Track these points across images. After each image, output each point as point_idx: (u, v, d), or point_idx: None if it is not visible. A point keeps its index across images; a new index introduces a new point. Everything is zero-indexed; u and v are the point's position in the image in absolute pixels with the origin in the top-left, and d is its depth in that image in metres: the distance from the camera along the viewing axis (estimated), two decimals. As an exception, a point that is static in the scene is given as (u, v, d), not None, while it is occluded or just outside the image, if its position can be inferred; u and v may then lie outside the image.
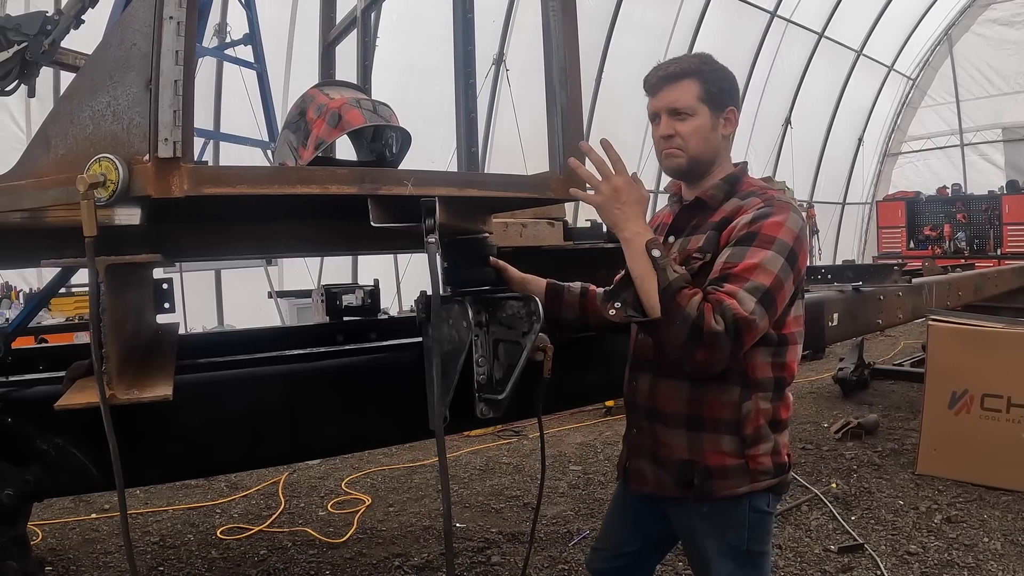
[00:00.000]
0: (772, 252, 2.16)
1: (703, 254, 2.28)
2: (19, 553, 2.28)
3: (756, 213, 2.23)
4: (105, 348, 1.81)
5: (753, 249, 2.17)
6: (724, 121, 2.39)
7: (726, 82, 2.40)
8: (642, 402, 2.49)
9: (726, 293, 2.10)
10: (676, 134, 2.36)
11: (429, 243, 2.04)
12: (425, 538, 5.03)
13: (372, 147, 2.70)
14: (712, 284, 2.15)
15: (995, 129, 21.08)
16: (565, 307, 2.79)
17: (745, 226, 2.22)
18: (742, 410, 2.30)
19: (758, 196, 2.31)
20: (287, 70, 10.85)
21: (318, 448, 3.13)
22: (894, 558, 4.48)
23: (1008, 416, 5.53)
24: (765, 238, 2.18)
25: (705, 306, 2.07)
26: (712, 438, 2.32)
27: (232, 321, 11.01)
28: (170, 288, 3.26)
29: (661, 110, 2.39)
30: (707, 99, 2.35)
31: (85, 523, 5.35)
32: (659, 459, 2.44)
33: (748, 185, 2.40)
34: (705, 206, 2.40)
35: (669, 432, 2.37)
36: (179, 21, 1.67)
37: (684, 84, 2.35)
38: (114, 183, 1.66)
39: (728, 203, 2.36)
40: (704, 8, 16.12)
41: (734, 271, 2.14)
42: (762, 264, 2.14)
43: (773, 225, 2.20)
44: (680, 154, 2.38)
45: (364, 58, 3.74)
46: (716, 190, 2.40)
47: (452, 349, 2.57)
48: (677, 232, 2.46)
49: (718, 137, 2.39)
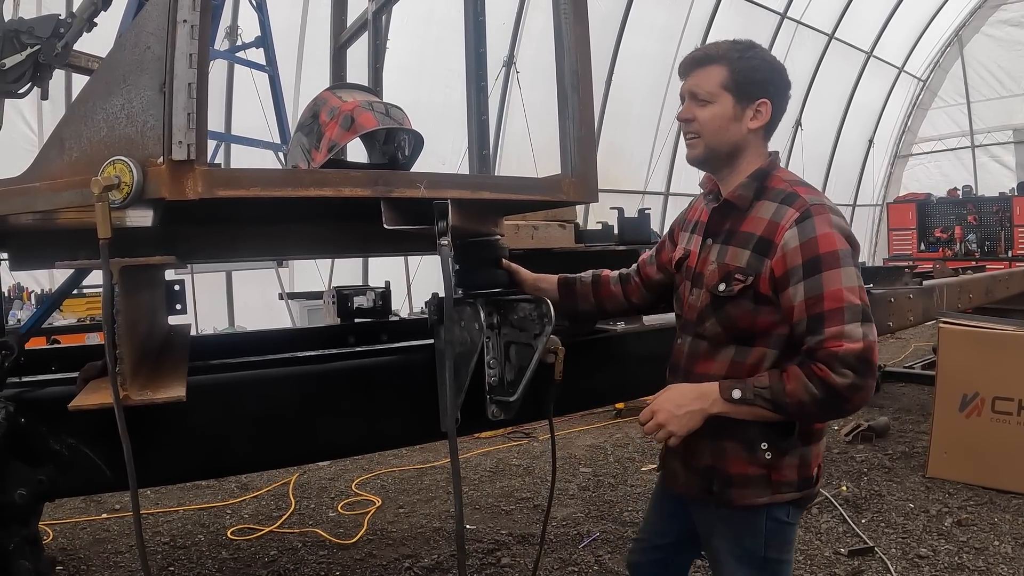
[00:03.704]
0: (843, 268, 2.13)
1: (745, 277, 2.23)
2: (32, 552, 2.30)
3: (800, 230, 2.16)
4: (119, 349, 1.82)
5: (826, 276, 2.12)
6: (753, 113, 2.29)
7: (760, 72, 2.30)
8: None
9: (832, 340, 2.08)
10: (694, 118, 2.30)
11: (442, 246, 2.04)
12: (435, 539, 5.03)
13: (385, 150, 2.71)
14: (811, 334, 2.12)
15: (1006, 130, 20.97)
16: (580, 299, 2.80)
17: (799, 251, 2.15)
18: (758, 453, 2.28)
19: (789, 204, 2.23)
20: (298, 72, 10.88)
21: (329, 449, 3.15)
22: (904, 561, 4.46)
23: (1019, 419, 5.51)
24: (829, 258, 2.13)
25: (818, 370, 2.07)
26: (735, 447, 2.30)
27: (243, 323, 11.04)
28: (182, 289, 3.27)
29: (685, 93, 2.34)
30: (732, 87, 2.26)
31: (96, 523, 5.37)
32: (688, 464, 2.44)
33: (776, 182, 2.31)
34: (735, 207, 2.33)
35: (697, 439, 2.33)
36: (193, 24, 1.68)
37: (710, 69, 2.29)
38: (128, 185, 1.67)
39: (759, 205, 2.28)
40: (714, 9, 16.10)
41: (825, 309, 2.10)
42: (844, 286, 2.11)
43: (827, 239, 2.15)
44: (696, 142, 2.32)
45: (375, 60, 3.75)
46: (744, 189, 2.31)
47: (464, 351, 2.57)
48: (713, 235, 2.39)
49: (741, 129, 2.29)
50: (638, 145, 16.26)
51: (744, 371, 2.27)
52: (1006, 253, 18.92)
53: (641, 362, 3.50)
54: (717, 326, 2.31)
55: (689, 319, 2.42)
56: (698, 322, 2.37)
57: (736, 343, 2.29)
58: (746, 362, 2.28)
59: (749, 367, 2.27)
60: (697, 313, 2.37)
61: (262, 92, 8.48)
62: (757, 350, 2.27)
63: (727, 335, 2.30)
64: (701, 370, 2.36)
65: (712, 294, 2.31)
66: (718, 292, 2.28)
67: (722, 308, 2.28)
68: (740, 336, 2.28)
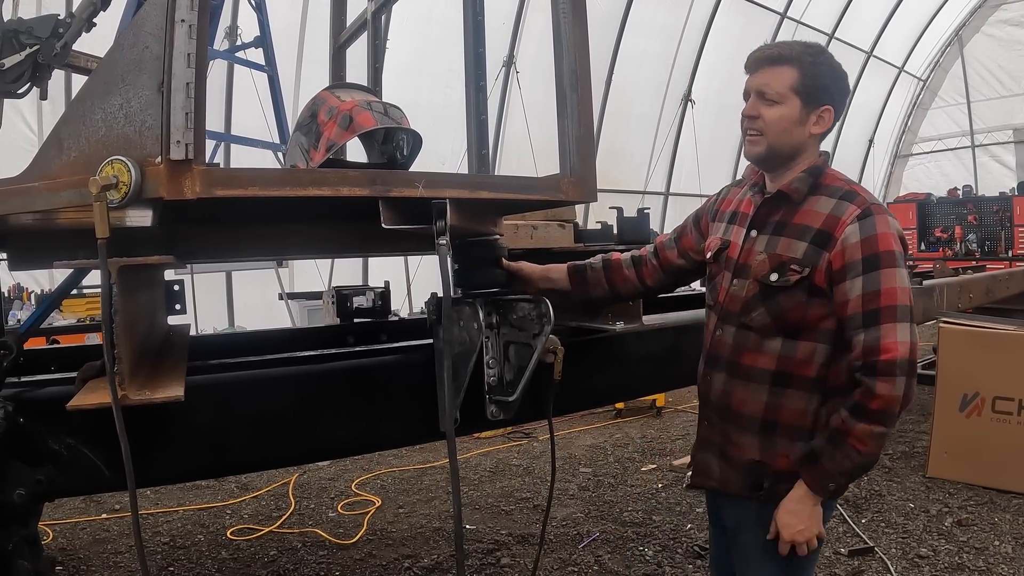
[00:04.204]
0: (898, 269, 2.19)
1: (802, 268, 2.25)
2: (31, 552, 2.30)
3: (862, 227, 2.21)
4: (117, 349, 1.82)
5: (884, 273, 2.17)
6: (816, 118, 2.31)
7: (828, 78, 2.31)
8: (715, 399, 2.47)
9: (887, 343, 2.12)
10: (759, 116, 2.30)
11: (440, 245, 2.04)
12: (435, 539, 5.03)
13: (383, 149, 2.71)
14: (865, 328, 2.16)
15: (1006, 130, 20.96)
16: (592, 286, 2.80)
17: (859, 247, 2.19)
18: (819, 417, 2.30)
19: (849, 200, 2.26)
20: (298, 72, 10.88)
21: (328, 449, 3.15)
22: (904, 561, 4.46)
23: (1019, 419, 5.51)
24: (888, 257, 2.18)
25: (873, 403, 2.12)
26: (787, 443, 2.32)
27: (243, 323, 11.04)
28: (181, 289, 3.27)
29: (752, 89, 2.33)
30: (801, 90, 2.27)
31: (95, 523, 5.37)
32: (728, 456, 2.43)
33: (831, 179, 2.34)
34: (788, 200, 2.34)
35: (742, 433, 2.36)
36: (191, 24, 1.68)
37: (781, 70, 2.28)
38: (126, 185, 1.67)
39: (815, 199, 2.31)
40: (714, 9, 16.10)
41: (881, 306, 2.15)
42: (898, 286, 2.17)
43: (885, 238, 2.19)
44: (759, 140, 2.32)
45: (375, 60, 3.75)
46: (799, 183, 2.33)
47: (463, 351, 2.57)
48: (759, 226, 2.40)
49: (804, 133, 2.31)
50: (638, 145, 16.26)
51: (794, 366, 2.30)
52: (1006, 253, 18.88)
53: (640, 362, 3.51)
54: (766, 316, 2.32)
55: (731, 309, 2.42)
56: (743, 312, 2.37)
57: (784, 335, 2.31)
58: (796, 357, 2.30)
59: (799, 362, 2.30)
60: (742, 303, 2.38)
61: (262, 92, 8.48)
62: (805, 344, 2.29)
63: (775, 326, 2.31)
64: (749, 361, 2.36)
65: (762, 284, 2.32)
66: (769, 282, 2.30)
67: (773, 298, 2.30)
68: (788, 328, 2.30)
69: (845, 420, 2.17)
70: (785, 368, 2.30)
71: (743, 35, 16.78)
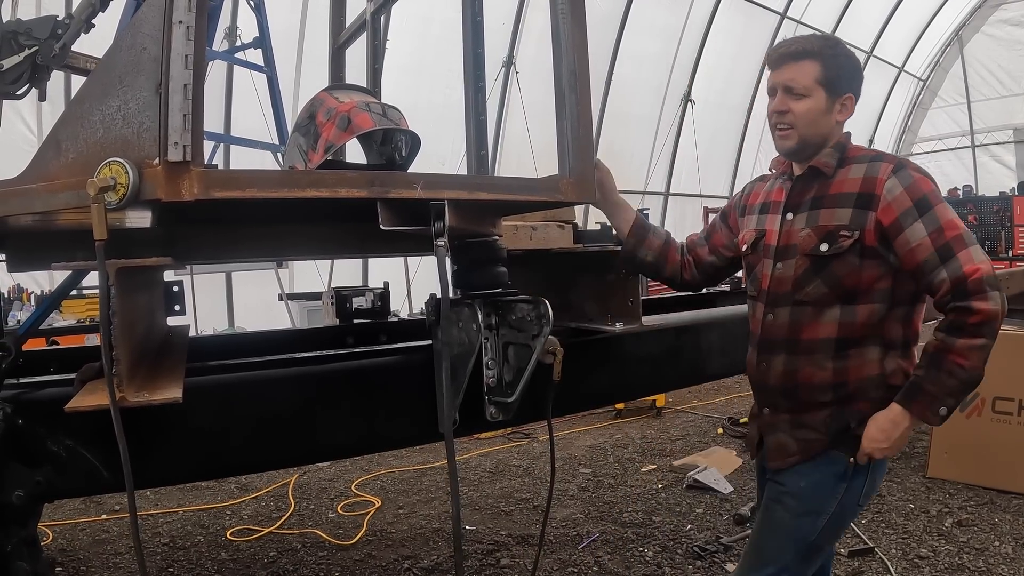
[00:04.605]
0: (944, 202, 2.31)
1: (851, 231, 2.34)
2: (30, 554, 2.29)
3: (900, 178, 2.31)
4: (115, 351, 1.81)
5: (938, 209, 2.27)
6: (840, 106, 2.43)
7: (847, 68, 2.43)
8: (777, 382, 2.52)
9: (970, 268, 2.20)
10: (789, 111, 2.41)
11: (438, 246, 2.04)
12: (435, 540, 5.03)
13: (382, 150, 2.71)
14: (944, 263, 2.23)
15: (1006, 130, 21.00)
16: (645, 247, 2.85)
17: (906, 195, 2.28)
18: (886, 368, 2.40)
19: (881, 161, 2.38)
20: (297, 73, 10.89)
21: (328, 450, 3.14)
22: (904, 562, 4.46)
23: (1019, 419, 5.51)
24: (932, 196, 2.29)
25: (974, 318, 2.20)
26: (861, 395, 2.40)
27: (243, 323, 11.05)
28: (181, 290, 3.27)
29: (778, 85, 2.43)
30: (825, 82, 2.38)
31: (95, 524, 5.37)
32: (803, 425, 2.48)
33: (856, 151, 2.46)
34: (820, 174, 2.45)
35: (813, 403, 2.44)
36: (188, 25, 1.67)
37: (804, 64, 2.39)
38: (124, 187, 1.67)
39: (845, 170, 2.42)
40: (714, 9, 16.11)
41: (949, 238, 2.24)
42: (952, 216, 2.28)
43: (924, 182, 2.31)
44: (790, 133, 2.43)
45: (374, 61, 3.74)
46: (828, 157, 2.44)
47: (462, 352, 2.57)
48: (794, 207, 2.51)
49: (830, 122, 2.43)
50: (638, 145, 16.27)
51: (857, 329, 2.38)
52: (1006, 253, 18.86)
53: (640, 363, 3.50)
54: (822, 287, 2.39)
55: (780, 291, 2.49)
56: (795, 289, 2.44)
57: (841, 303, 2.39)
58: (856, 321, 2.38)
59: (861, 324, 2.38)
60: (792, 282, 2.45)
61: (262, 93, 8.48)
62: (863, 307, 2.38)
63: (832, 295, 2.39)
64: (808, 335, 2.43)
65: (812, 256, 2.40)
66: (820, 252, 2.38)
67: (826, 268, 2.38)
68: (845, 295, 2.38)
69: (942, 340, 2.25)
70: (847, 333, 2.39)
71: (743, 35, 16.82)
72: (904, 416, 2.32)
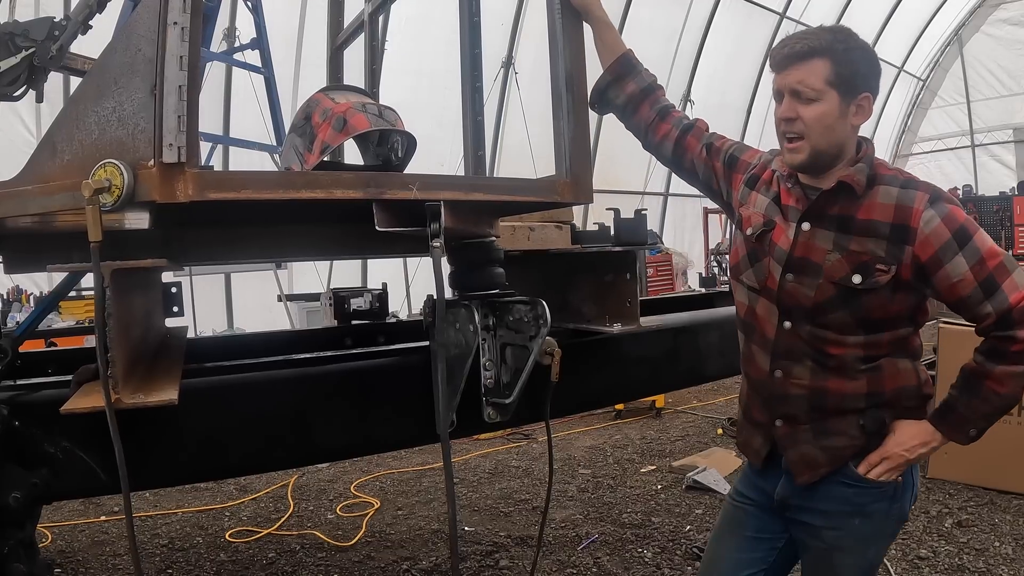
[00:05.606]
0: (980, 230, 2.16)
1: (888, 267, 2.13)
2: (27, 556, 2.29)
3: (937, 209, 2.11)
4: (111, 352, 1.81)
5: (976, 239, 2.12)
6: (856, 108, 2.15)
7: (862, 64, 2.14)
8: (801, 392, 2.30)
9: (1016, 296, 2.09)
10: (798, 117, 2.13)
11: (434, 247, 2.03)
12: (434, 541, 5.02)
13: (378, 151, 2.71)
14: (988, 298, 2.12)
15: (1006, 130, 21.01)
16: (619, 88, 2.67)
17: (944, 228, 2.10)
18: (920, 378, 2.31)
19: (914, 188, 2.16)
20: (296, 73, 10.89)
21: (326, 452, 3.14)
22: (904, 563, 4.45)
23: (1019, 420, 5.50)
24: (970, 224, 2.13)
25: (1019, 337, 2.09)
26: (896, 400, 2.28)
27: (242, 324, 11.05)
28: (179, 292, 3.27)
29: (785, 89, 2.16)
30: (837, 82, 2.10)
31: (94, 525, 5.37)
32: (830, 432, 2.30)
33: (883, 168, 2.22)
34: (849, 192, 2.18)
35: (844, 411, 2.28)
36: (183, 27, 1.67)
37: (812, 64, 2.10)
38: (119, 188, 1.67)
39: (875, 192, 2.17)
40: (713, 9, 16.12)
41: (992, 268, 2.10)
42: (991, 244, 2.14)
43: (959, 212, 2.14)
44: (801, 146, 2.16)
45: (372, 62, 3.75)
46: (859, 174, 2.17)
47: (459, 353, 2.56)
48: (814, 219, 2.23)
49: (846, 127, 2.16)
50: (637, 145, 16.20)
51: (884, 347, 2.24)
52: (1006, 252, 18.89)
53: (638, 364, 3.50)
54: (847, 317, 2.20)
55: (795, 305, 2.27)
56: (817, 313, 2.23)
57: (865, 332, 2.23)
58: (883, 339, 2.24)
59: (887, 344, 2.25)
60: (813, 304, 2.22)
61: (260, 94, 8.48)
62: (888, 333, 2.25)
63: (856, 324, 2.21)
64: (834, 351, 2.24)
65: (841, 286, 2.18)
66: (852, 284, 2.16)
67: (856, 300, 2.18)
68: (870, 325, 2.22)
69: (981, 364, 2.16)
70: (874, 352, 2.24)
71: (742, 35, 16.82)
72: (934, 436, 2.24)
